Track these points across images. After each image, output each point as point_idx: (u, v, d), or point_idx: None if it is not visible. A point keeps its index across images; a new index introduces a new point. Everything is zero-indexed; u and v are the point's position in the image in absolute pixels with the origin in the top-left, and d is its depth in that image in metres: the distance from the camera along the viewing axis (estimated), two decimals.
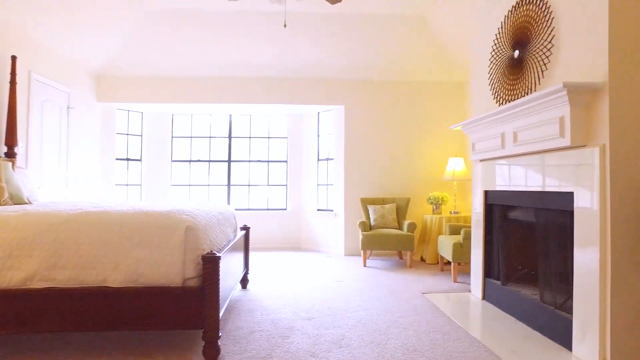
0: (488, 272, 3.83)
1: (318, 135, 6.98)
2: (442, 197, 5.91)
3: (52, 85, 5.07)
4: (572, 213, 2.71)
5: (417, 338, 2.87)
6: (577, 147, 2.62)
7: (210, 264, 2.40)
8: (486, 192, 3.85)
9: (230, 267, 3.18)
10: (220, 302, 2.53)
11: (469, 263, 4.44)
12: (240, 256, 3.88)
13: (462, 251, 4.49)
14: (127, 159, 6.71)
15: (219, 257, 2.45)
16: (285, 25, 3.78)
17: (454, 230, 5.10)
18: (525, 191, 3.17)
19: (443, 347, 2.70)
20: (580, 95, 2.53)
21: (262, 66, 6.18)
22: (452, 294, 4.05)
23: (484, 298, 3.83)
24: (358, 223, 5.62)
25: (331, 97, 6.38)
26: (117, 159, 6.50)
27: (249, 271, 4.45)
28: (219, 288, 2.44)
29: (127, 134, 6.72)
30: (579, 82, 2.47)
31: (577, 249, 2.59)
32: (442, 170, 6.35)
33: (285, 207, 7.20)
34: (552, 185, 2.83)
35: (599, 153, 2.45)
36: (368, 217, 5.92)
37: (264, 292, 4.11)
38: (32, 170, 4.54)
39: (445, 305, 3.66)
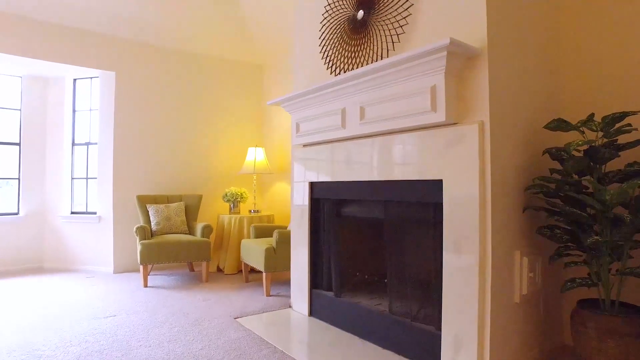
0: (315, 282, 3.15)
1: (74, 111, 5.06)
2: (241, 194, 5.04)
3: None
4: (437, 205, 2.24)
5: None
6: (449, 124, 2.15)
7: None
8: (312, 184, 3.17)
9: None
10: None
11: (285, 271, 3.71)
12: None
13: (276, 258, 3.70)
14: None
15: None
16: None
17: (261, 233, 4.29)
18: (372, 181, 2.60)
19: None
20: (456, 61, 2.06)
21: None
22: (271, 314, 3.21)
23: (311, 314, 3.12)
24: (135, 229, 4.17)
25: (97, 58, 4.65)
26: None
27: None
28: None
29: None
30: (463, 42, 1.98)
31: (448, 247, 2.11)
32: (241, 162, 5.49)
33: (17, 211, 4.96)
34: (412, 172, 2.31)
35: (477, 132, 2.01)
36: (148, 221, 4.52)
37: None
38: None
39: (269, 332, 2.78)
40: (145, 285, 4.07)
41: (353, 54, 2.78)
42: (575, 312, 2.00)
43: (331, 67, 2.96)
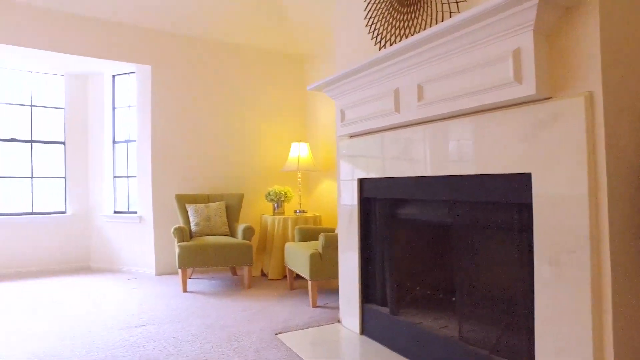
0: (367, 295, 2.71)
1: (114, 108, 4.95)
2: (285, 193, 4.68)
3: None
4: (522, 206, 1.73)
5: None
6: (539, 100, 1.63)
7: None
8: (362, 182, 2.73)
9: None
10: None
11: (333, 278, 3.30)
12: None
13: (322, 265, 3.30)
14: None
15: None
16: None
17: (306, 236, 3.91)
18: (434, 177, 2.12)
19: None
20: (550, 14, 1.54)
21: None
22: (318, 330, 2.81)
23: (363, 332, 2.69)
24: (172, 230, 3.94)
25: (133, 52, 4.47)
26: None
27: None
28: None
29: None
30: None
31: (542, 259, 1.59)
32: (284, 158, 5.15)
33: (64, 210, 4.93)
34: (486, 164, 1.81)
35: (583, 107, 1.48)
36: (187, 221, 4.28)
37: None
38: None
39: (315, 354, 2.38)
40: (185, 290, 3.82)
41: (404, 24, 2.30)
42: None
43: (379, 41, 2.49)
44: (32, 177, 4.82)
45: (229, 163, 4.90)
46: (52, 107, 4.90)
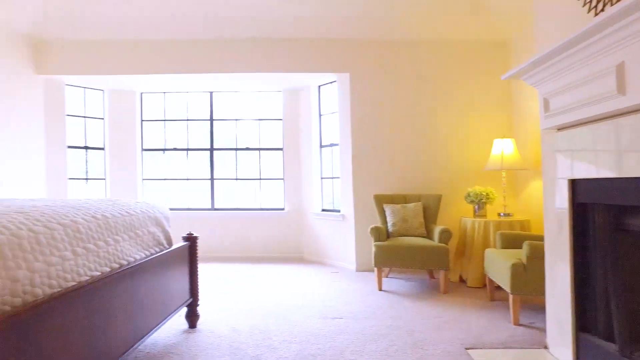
0: (583, 322, 2.21)
1: (320, 115, 5.44)
2: (487, 194, 4.26)
3: None
4: None
5: None
6: None
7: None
8: (574, 183, 2.23)
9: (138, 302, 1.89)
10: None
11: (539, 295, 2.83)
12: (176, 280, 2.62)
13: (526, 277, 2.87)
14: (86, 147, 5.40)
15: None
16: None
17: (509, 242, 3.46)
18: None
19: None
20: None
21: (249, 23, 4.71)
22: (517, 353, 2.45)
23: None
24: (370, 229, 4.07)
25: (333, 62, 4.83)
26: (70, 146, 5.19)
27: (199, 301, 2.97)
28: None
29: (85, 117, 5.41)
30: None
31: None
32: (485, 157, 4.70)
33: (282, 207, 5.72)
34: None
35: None
36: (385, 221, 4.36)
37: (218, 333, 2.63)
38: None
39: None
40: (380, 289, 3.91)
41: None
42: None
43: (595, 6, 1.99)
44: (260, 179, 5.77)
45: (426, 163, 4.78)
46: (273, 119, 5.75)
